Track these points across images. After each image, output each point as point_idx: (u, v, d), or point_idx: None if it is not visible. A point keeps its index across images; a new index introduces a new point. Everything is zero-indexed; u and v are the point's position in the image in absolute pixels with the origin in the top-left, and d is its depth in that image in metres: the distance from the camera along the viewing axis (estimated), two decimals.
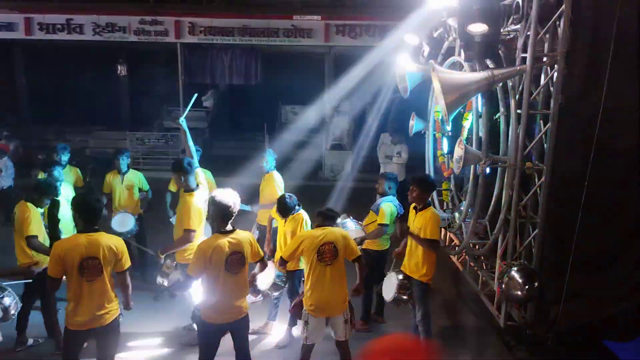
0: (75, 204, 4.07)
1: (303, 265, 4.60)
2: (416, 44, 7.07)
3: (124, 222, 6.56)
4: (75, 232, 4.12)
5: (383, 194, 5.71)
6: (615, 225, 4.87)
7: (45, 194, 5.15)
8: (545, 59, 4.79)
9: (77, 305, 3.93)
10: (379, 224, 5.51)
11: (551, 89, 4.77)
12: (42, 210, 5.21)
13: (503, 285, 4.85)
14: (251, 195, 6.71)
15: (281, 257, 4.57)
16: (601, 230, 4.84)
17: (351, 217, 5.81)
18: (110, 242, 3.98)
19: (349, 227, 5.66)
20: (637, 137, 4.67)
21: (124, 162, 6.74)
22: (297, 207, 5.33)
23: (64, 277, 3.93)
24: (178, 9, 12.54)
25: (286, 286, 5.31)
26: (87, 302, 3.92)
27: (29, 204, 5.05)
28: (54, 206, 5.04)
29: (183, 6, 12.74)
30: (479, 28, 4.76)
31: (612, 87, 4.52)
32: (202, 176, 5.88)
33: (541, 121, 4.98)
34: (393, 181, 5.79)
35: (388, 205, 5.54)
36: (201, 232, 5.41)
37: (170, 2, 12.80)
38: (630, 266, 4.90)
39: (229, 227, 4.14)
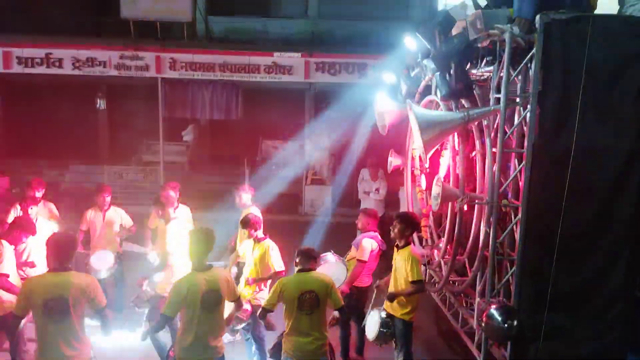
0: (50, 243, 3.99)
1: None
2: (394, 82, 7.22)
3: (103, 259, 6.45)
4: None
5: (363, 230, 5.72)
6: (591, 261, 4.93)
7: (25, 231, 5.07)
8: (518, 99, 4.93)
9: (43, 347, 3.82)
10: (358, 260, 5.51)
11: (525, 128, 4.89)
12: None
13: (482, 323, 4.85)
14: (230, 231, 6.67)
15: (263, 308, 4.43)
16: (577, 267, 4.90)
17: (332, 251, 5.79)
18: (79, 281, 3.90)
19: (330, 261, 5.64)
20: (609, 175, 4.79)
21: (106, 199, 6.66)
22: (261, 234, 5.46)
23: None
24: (159, 45, 12.64)
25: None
26: (53, 343, 3.80)
27: (3, 242, 4.94)
28: None
29: (164, 42, 12.85)
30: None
31: (584, 127, 4.67)
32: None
33: (516, 159, 5.09)
34: (372, 217, 5.80)
35: (368, 241, 5.54)
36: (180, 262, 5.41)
37: (151, 38, 12.91)
38: (607, 302, 4.95)
39: (206, 263, 4.11)
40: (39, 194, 6.64)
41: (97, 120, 15.13)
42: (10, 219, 6.62)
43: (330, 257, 5.69)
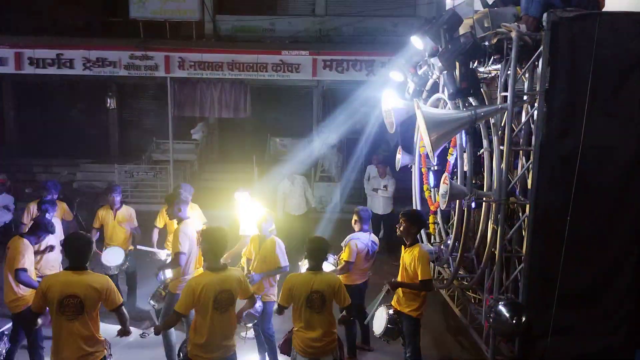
0: (66, 243, 4.11)
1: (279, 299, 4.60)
2: (401, 80, 7.25)
3: (113, 256, 6.57)
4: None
5: (359, 230, 5.78)
6: (599, 258, 4.96)
7: (46, 231, 5.20)
8: (525, 97, 4.95)
9: (57, 345, 3.92)
10: (344, 260, 5.60)
11: (532, 126, 4.92)
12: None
13: (490, 320, 4.89)
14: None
15: (279, 305, 4.53)
16: (585, 264, 4.93)
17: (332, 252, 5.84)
18: (93, 280, 3.99)
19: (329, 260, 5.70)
20: (616, 174, 4.81)
21: (116, 198, 6.77)
22: (270, 233, 5.57)
23: None
24: (168, 44, 12.73)
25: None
26: (68, 342, 3.89)
27: (25, 240, 5.07)
28: None
29: (173, 42, 12.94)
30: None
31: (591, 125, 4.69)
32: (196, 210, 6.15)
33: (524, 157, 5.12)
34: (362, 216, 5.81)
35: (354, 242, 5.61)
36: (193, 262, 5.50)
37: (160, 38, 13.01)
38: (615, 300, 4.98)
39: (220, 263, 4.18)
40: (54, 196, 6.76)
41: (107, 120, 15.28)
42: (25, 219, 6.78)
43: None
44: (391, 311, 5.18)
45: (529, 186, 4.96)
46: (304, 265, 5.24)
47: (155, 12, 12.74)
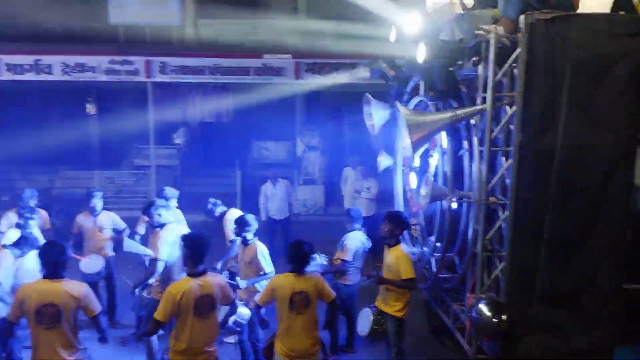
0: (41, 252, 4.04)
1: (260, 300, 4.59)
2: (382, 83, 7.29)
3: (93, 264, 6.47)
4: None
5: (351, 230, 5.82)
6: (579, 257, 5.00)
7: (31, 247, 5.11)
8: (504, 98, 5.00)
9: (35, 355, 3.87)
10: (341, 260, 5.63)
11: (511, 126, 4.97)
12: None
13: (472, 319, 4.92)
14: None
15: (257, 305, 4.53)
16: (566, 262, 4.97)
17: (318, 252, 5.83)
18: (70, 288, 3.93)
19: (314, 260, 5.70)
20: (595, 173, 4.86)
21: (96, 203, 6.68)
22: (252, 238, 5.51)
23: None
24: (149, 49, 12.63)
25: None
26: (46, 351, 3.84)
27: (8, 251, 4.98)
28: None
29: (154, 46, 12.85)
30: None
31: (569, 126, 4.74)
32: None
33: (503, 157, 5.16)
34: (352, 216, 5.87)
35: (352, 242, 5.64)
36: (177, 267, 5.42)
37: (141, 42, 12.90)
38: (595, 298, 5.03)
39: (200, 268, 4.15)
40: (32, 205, 6.65)
41: (87, 126, 15.09)
42: (2, 226, 6.65)
43: (316, 257, 5.75)
44: (375, 312, 5.20)
45: (508, 186, 5.01)
46: None
47: (135, 16, 12.64)
